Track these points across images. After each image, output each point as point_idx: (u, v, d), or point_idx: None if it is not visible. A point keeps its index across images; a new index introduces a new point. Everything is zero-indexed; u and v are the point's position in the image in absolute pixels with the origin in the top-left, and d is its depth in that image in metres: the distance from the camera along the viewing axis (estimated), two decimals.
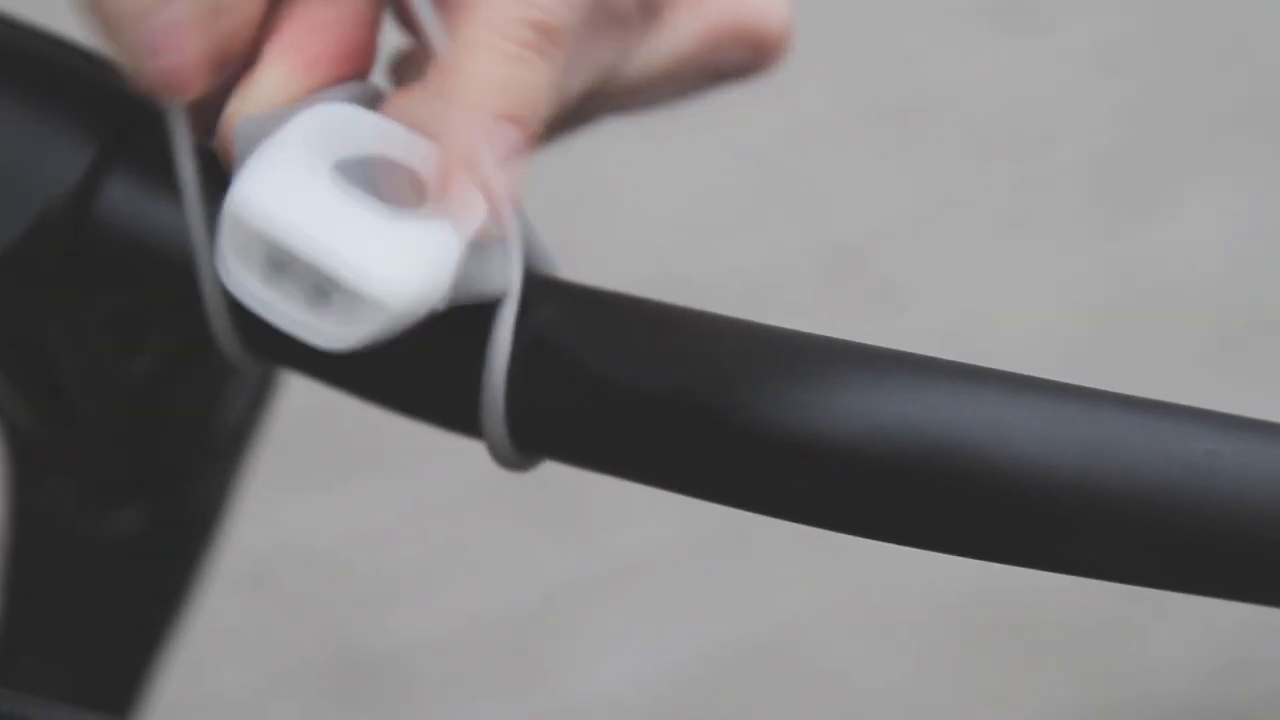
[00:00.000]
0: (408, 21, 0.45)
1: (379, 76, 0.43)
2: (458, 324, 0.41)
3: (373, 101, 0.41)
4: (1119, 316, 1.63)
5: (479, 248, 0.40)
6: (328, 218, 0.38)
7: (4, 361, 0.51)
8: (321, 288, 0.38)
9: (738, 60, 0.50)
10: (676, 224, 1.64)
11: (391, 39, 0.45)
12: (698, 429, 0.39)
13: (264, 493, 0.65)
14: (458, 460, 1.44)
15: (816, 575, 1.46)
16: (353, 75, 0.41)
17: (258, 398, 0.60)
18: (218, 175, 0.41)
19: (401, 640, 1.42)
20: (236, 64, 0.41)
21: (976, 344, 1.57)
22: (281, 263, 0.38)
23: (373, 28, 0.42)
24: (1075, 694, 1.43)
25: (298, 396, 0.75)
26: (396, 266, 0.38)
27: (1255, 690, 1.45)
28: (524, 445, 0.42)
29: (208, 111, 0.41)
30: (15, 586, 0.62)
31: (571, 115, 0.47)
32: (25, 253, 0.42)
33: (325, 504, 1.46)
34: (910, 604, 1.45)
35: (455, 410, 0.42)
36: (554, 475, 0.46)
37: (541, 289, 0.41)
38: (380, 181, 0.39)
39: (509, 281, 0.41)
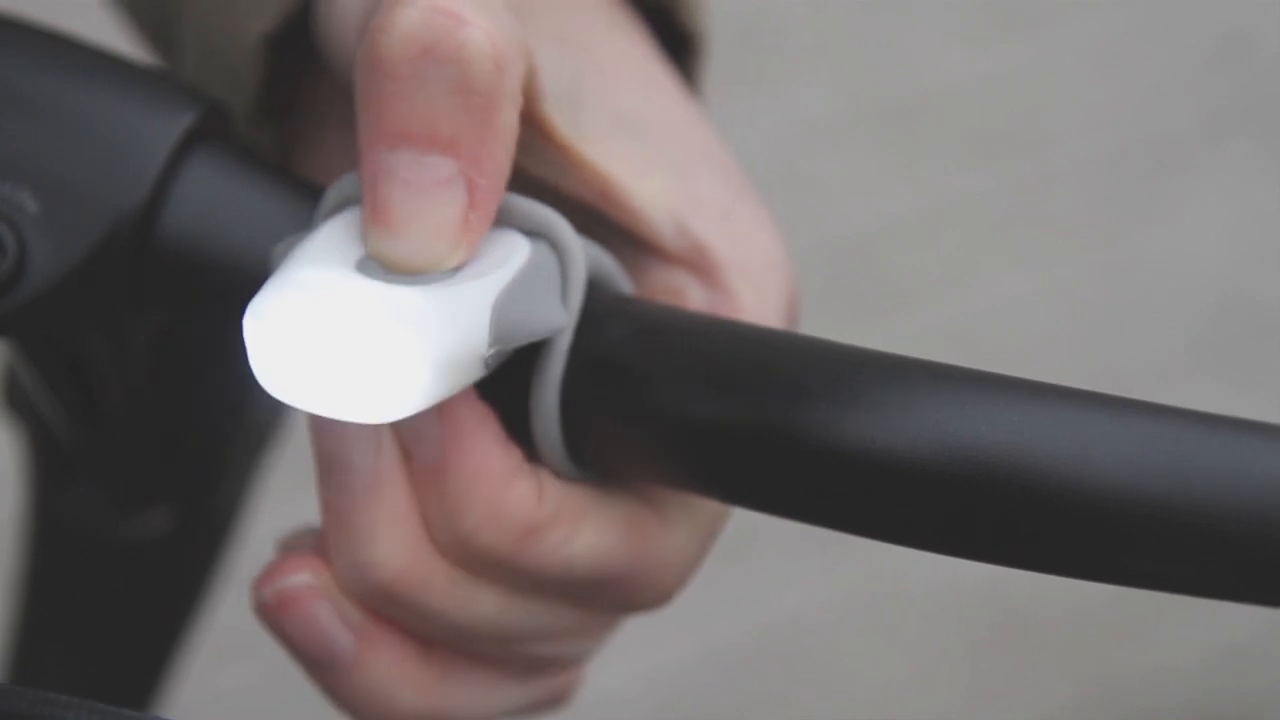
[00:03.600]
0: None
1: None
2: (527, 346, 0.41)
3: None
4: (1118, 316, 1.63)
5: (541, 288, 0.41)
6: (348, 299, 0.38)
7: (46, 369, 0.52)
8: (356, 365, 0.38)
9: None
10: None
11: None
12: (763, 446, 0.39)
13: (265, 492, 0.65)
14: None
15: (820, 575, 1.46)
16: None
17: (279, 403, 0.60)
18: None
19: None
20: None
21: (977, 344, 1.58)
22: (314, 355, 0.38)
23: None
24: (1076, 694, 1.43)
25: None
26: (418, 321, 0.38)
27: (1255, 689, 1.45)
28: (581, 461, 0.42)
29: None
30: (39, 588, 0.62)
31: None
32: (90, 271, 0.42)
33: None
34: (914, 604, 1.45)
35: (512, 427, 0.42)
36: None
37: (607, 308, 0.42)
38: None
39: (569, 304, 0.41)
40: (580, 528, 0.43)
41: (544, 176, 0.44)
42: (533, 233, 0.41)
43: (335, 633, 0.43)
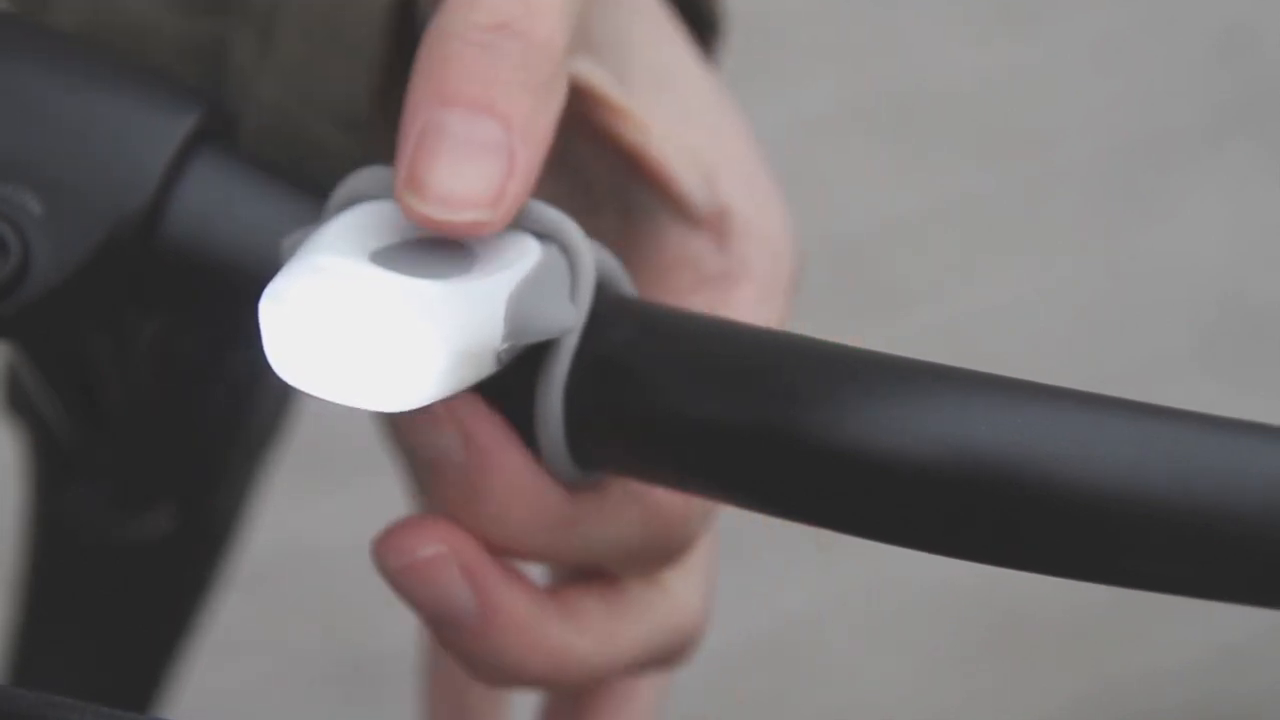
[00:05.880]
0: None
1: None
2: (532, 346, 0.42)
3: None
4: (1118, 316, 1.63)
5: (552, 288, 0.41)
6: (361, 290, 0.38)
7: (48, 369, 0.52)
8: (372, 352, 0.38)
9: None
10: None
11: None
12: (765, 447, 0.39)
13: (265, 493, 0.65)
14: None
15: (818, 575, 1.46)
16: None
17: (282, 402, 0.60)
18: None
19: (401, 640, 1.42)
20: None
21: (977, 344, 1.58)
22: (330, 340, 0.38)
23: None
24: (1074, 694, 1.43)
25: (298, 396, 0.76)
26: (436, 311, 0.38)
27: (1253, 690, 1.45)
28: (583, 461, 0.42)
29: None
30: (39, 588, 0.62)
31: None
32: (93, 272, 0.42)
33: (325, 504, 1.46)
34: (912, 604, 1.45)
35: (514, 427, 0.42)
36: None
37: (613, 310, 0.42)
38: (424, 259, 0.40)
39: (577, 305, 0.41)
40: (608, 518, 0.44)
41: (583, 129, 0.44)
42: (543, 235, 0.42)
43: (462, 597, 0.43)
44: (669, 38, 0.46)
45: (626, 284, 0.43)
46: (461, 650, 0.44)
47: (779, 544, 1.45)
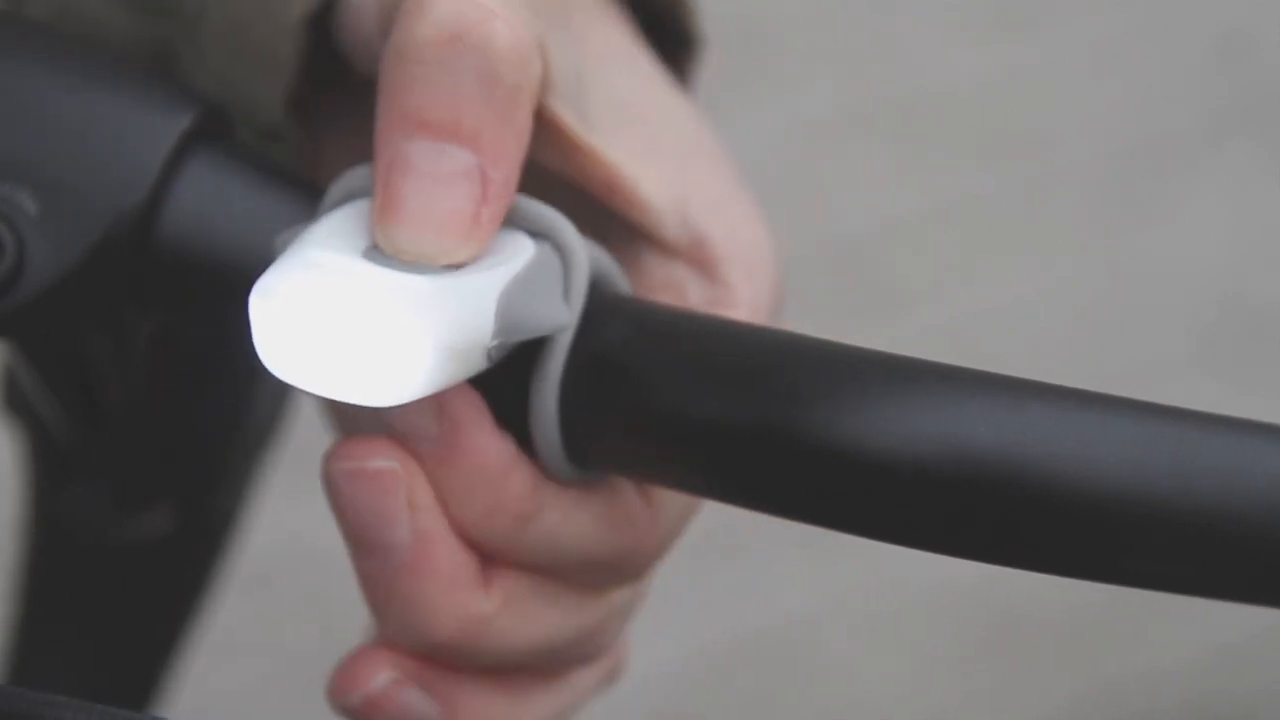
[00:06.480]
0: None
1: None
2: (527, 342, 0.42)
3: None
4: (1118, 316, 1.63)
5: (545, 285, 0.41)
6: (351, 285, 0.38)
7: (46, 369, 0.52)
8: (362, 348, 0.38)
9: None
10: None
11: None
12: (763, 446, 0.39)
13: (264, 493, 0.65)
14: None
15: (815, 575, 1.46)
16: None
17: (278, 403, 0.60)
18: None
19: None
20: None
21: (977, 344, 1.58)
22: (319, 335, 0.38)
23: None
24: (1072, 694, 1.43)
25: (298, 395, 0.76)
26: (425, 307, 0.38)
27: (1250, 690, 1.45)
28: (578, 460, 0.42)
29: None
30: (39, 588, 0.62)
31: None
32: (89, 271, 0.42)
33: (324, 504, 1.45)
34: (909, 604, 1.45)
35: (509, 425, 0.42)
36: None
37: (608, 308, 0.42)
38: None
39: (571, 303, 0.41)
40: (572, 516, 0.43)
41: (548, 165, 0.44)
42: (537, 233, 0.42)
43: (400, 524, 0.42)
44: (629, 66, 0.46)
45: (622, 283, 0.43)
46: (379, 586, 0.42)
47: (774, 544, 1.45)
